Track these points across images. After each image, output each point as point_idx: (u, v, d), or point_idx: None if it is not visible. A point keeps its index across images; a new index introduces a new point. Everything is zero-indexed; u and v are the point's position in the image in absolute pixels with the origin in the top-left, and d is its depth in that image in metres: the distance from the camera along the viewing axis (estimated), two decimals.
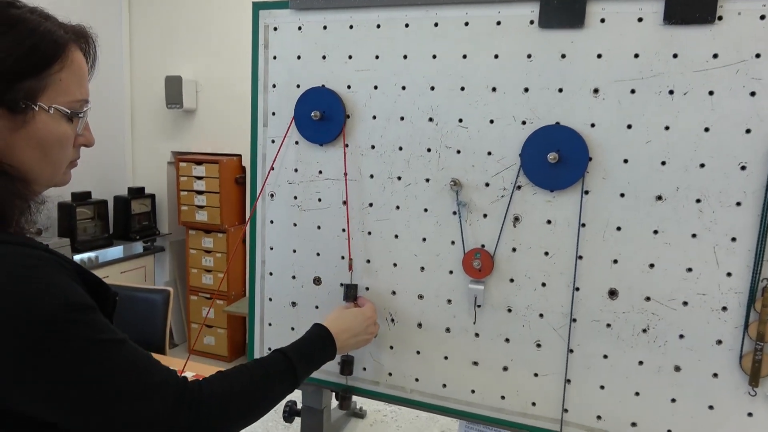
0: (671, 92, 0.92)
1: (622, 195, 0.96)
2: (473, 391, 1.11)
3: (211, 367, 2.39)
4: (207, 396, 0.79)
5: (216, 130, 4.49)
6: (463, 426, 1.29)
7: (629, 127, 0.95)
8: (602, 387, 1.01)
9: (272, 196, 1.21)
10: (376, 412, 1.59)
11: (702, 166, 0.92)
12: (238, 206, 4.52)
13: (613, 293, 0.99)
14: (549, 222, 1.01)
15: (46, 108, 0.74)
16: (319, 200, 1.17)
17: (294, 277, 1.22)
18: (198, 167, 4.33)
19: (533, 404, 1.06)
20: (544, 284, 1.03)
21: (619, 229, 0.97)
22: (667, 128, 0.93)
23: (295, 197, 1.19)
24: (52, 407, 0.69)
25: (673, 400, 0.98)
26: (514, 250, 1.04)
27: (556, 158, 0.97)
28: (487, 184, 1.04)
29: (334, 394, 1.37)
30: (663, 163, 0.94)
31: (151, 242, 4.61)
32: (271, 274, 1.24)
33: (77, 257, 4.01)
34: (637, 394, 1.00)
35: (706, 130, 0.91)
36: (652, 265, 0.96)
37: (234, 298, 4.55)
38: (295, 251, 1.21)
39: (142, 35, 4.64)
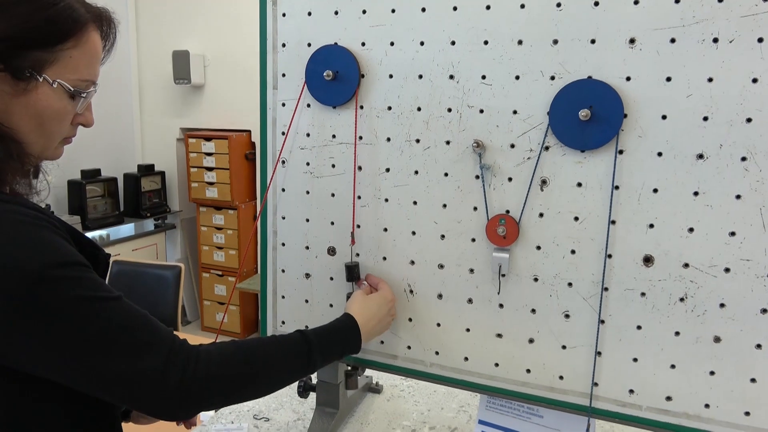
0: (715, 40, 0.84)
1: (660, 154, 0.89)
2: (497, 365, 1.05)
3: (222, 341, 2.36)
4: (204, 360, 0.75)
5: (225, 105, 4.43)
6: (484, 400, 1.24)
7: (668, 79, 0.87)
8: (635, 359, 0.96)
9: (284, 162, 1.15)
10: (392, 387, 1.55)
11: (749, 120, 0.84)
12: (248, 182, 4.47)
13: (648, 260, 0.92)
14: (579, 185, 0.94)
15: (50, 81, 0.74)
16: (333, 166, 1.11)
17: (307, 248, 1.17)
18: (207, 143, 4.28)
19: (561, 378, 1.01)
20: (573, 251, 0.96)
21: (655, 191, 0.90)
22: (710, 80, 0.85)
23: (308, 163, 1.13)
24: (44, 363, 0.69)
25: (712, 373, 0.92)
26: (541, 215, 0.98)
27: (587, 115, 0.90)
28: (512, 146, 0.98)
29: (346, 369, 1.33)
30: (705, 118, 0.86)
31: (162, 220, 4.59)
32: (283, 244, 1.19)
33: (89, 234, 3.99)
34: (672, 366, 0.94)
35: (754, 81, 0.83)
36: (691, 230, 0.89)
37: (246, 275, 4.53)
38: (308, 220, 1.15)
39: (148, 8, 4.55)
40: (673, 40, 0.86)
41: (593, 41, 0.90)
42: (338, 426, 1.30)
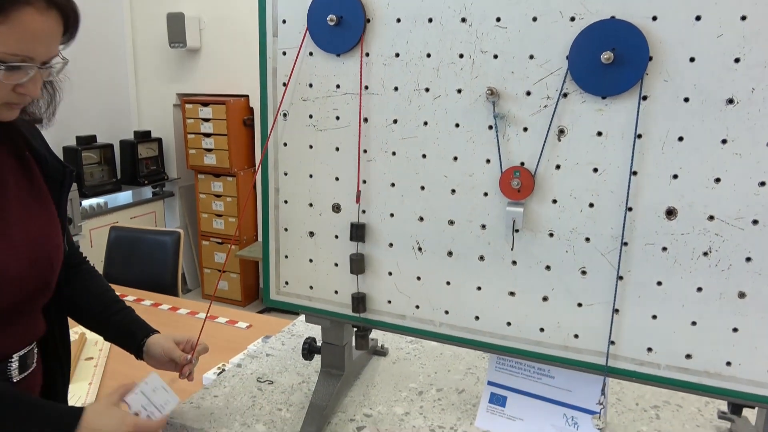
0: None
1: (687, 100, 0.84)
2: (509, 324, 1.02)
3: (226, 309, 2.34)
4: None
5: (222, 69, 4.33)
6: (494, 361, 1.21)
7: (698, 18, 0.81)
8: (654, 317, 0.92)
9: (285, 115, 1.10)
10: (398, 349, 1.52)
11: None
12: (246, 149, 4.41)
13: (671, 213, 0.88)
14: (599, 134, 0.89)
15: None
16: (337, 118, 1.06)
17: (311, 205, 1.12)
18: (204, 109, 4.20)
19: (576, 336, 0.98)
20: (591, 204, 0.92)
21: (681, 139, 0.85)
22: (743, 18, 0.79)
23: (311, 116, 1.08)
24: None
25: (735, 330, 0.88)
26: (558, 167, 0.93)
27: (610, 58, 0.84)
28: (528, 93, 0.92)
29: (355, 330, 1.30)
30: (737, 60, 0.81)
31: (159, 187, 4.54)
32: (286, 202, 1.14)
33: (86, 202, 3.95)
34: (693, 323, 0.90)
35: None
36: (718, 180, 0.85)
37: (246, 243, 4.50)
38: (311, 176, 1.10)
39: None
40: None
41: None
42: (344, 388, 1.28)
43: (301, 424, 1.17)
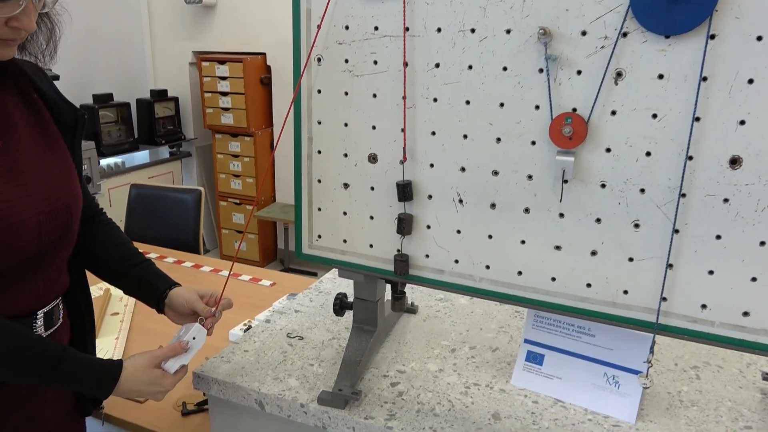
0: None
1: (759, 38, 0.78)
2: (553, 279, 0.98)
3: (249, 267, 2.33)
4: None
5: (238, 26, 4.23)
6: (531, 318, 1.18)
7: None
8: (711, 272, 0.88)
9: (319, 60, 1.04)
10: (427, 307, 1.50)
11: None
12: (264, 108, 4.35)
13: (735, 162, 0.82)
14: (660, 77, 0.83)
15: None
16: (375, 63, 1.00)
17: (346, 155, 1.07)
18: (221, 67, 4.12)
19: (625, 292, 0.94)
20: (648, 153, 0.86)
21: (750, 81, 0.79)
22: None
23: (347, 60, 1.02)
24: None
25: None
26: (613, 113, 0.87)
27: None
28: (583, 33, 0.86)
29: (390, 286, 1.27)
30: None
31: (177, 147, 4.51)
32: (319, 152, 1.10)
33: (103, 161, 3.93)
34: (753, 279, 0.86)
35: None
36: None
37: (263, 204, 4.49)
38: (346, 125, 1.06)
39: None
40: None
41: None
42: (376, 344, 1.26)
43: (333, 378, 1.15)
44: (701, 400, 1.13)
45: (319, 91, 1.06)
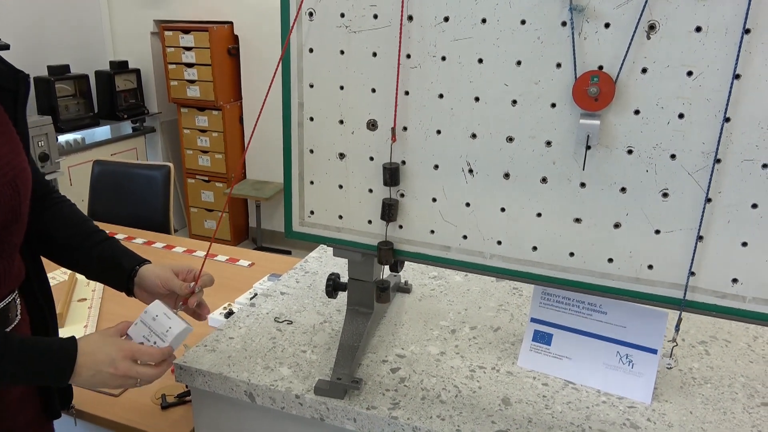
0: None
1: None
2: (571, 254, 0.90)
3: (225, 247, 2.21)
4: None
5: None
6: (537, 296, 1.11)
7: None
8: (744, 244, 0.81)
9: (311, 15, 0.93)
10: (421, 286, 1.42)
11: None
12: (232, 80, 4.16)
13: None
14: (698, 29, 0.75)
15: None
16: (375, 17, 0.89)
17: (342, 122, 0.97)
18: (185, 36, 3.92)
19: (650, 267, 0.87)
20: (681, 115, 0.79)
21: None
22: None
23: (342, 15, 0.91)
24: None
25: None
26: (644, 71, 0.79)
27: None
28: None
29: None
30: None
31: (140, 122, 4.30)
32: (311, 119, 0.99)
33: (62, 138, 3.71)
34: None
35: None
36: None
37: (234, 181, 4.33)
38: (342, 88, 0.95)
39: None
40: None
41: None
42: (372, 328, 1.17)
43: (328, 366, 1.06)
44: (714, 376, 1.08)
45: (311, 50, 0.95)
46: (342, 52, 0.93)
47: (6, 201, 0.85)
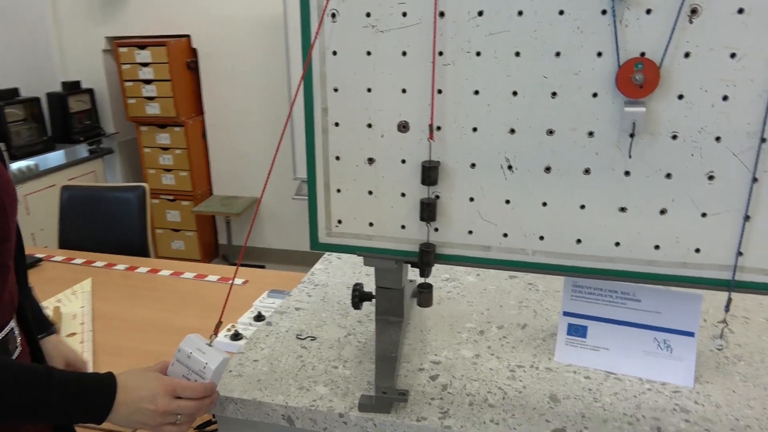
0: None
1: None
2: (617, 244, 0.90)
3: (216, 266, 2.13)
4: None
5: (157, 6, 3.88)
6: (568, 289, 1.10)
7: None
8: None
9: (333, 16, 0.89)
10: (437, 289, 1.39)
11: None
12: (193, 95, 4.05)
13: None
14: (741, 11, 0.75)
15: None
16: (404, 15, 0.87)
17: (370, 126, 0.94)
18: (142, 52, 3.78)
19: (697, 251, 0.87)
20: (725, 98, 0.79)
21: None
22: None
23: (368, 14, 0.88)
24: None
25: None
26: (687, 55, 0.79)
27: None
28: None
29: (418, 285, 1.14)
30: None
31: (96, 144, 4.12)
32: (337, 124, 0.95)
33: (15, 165, 3.52)
34: None
35: None
36: None
37: (201, 198, 4.21)
38: (370, 90, 0.92)
39: None
40: None
41: None
42: (402, 336, 1.14)
43: (365, 380, 1.02)
44: (744, 354, 1.09)
45: (335, 53, 0.91)
46: (369, 53, 0.90)
47: None
